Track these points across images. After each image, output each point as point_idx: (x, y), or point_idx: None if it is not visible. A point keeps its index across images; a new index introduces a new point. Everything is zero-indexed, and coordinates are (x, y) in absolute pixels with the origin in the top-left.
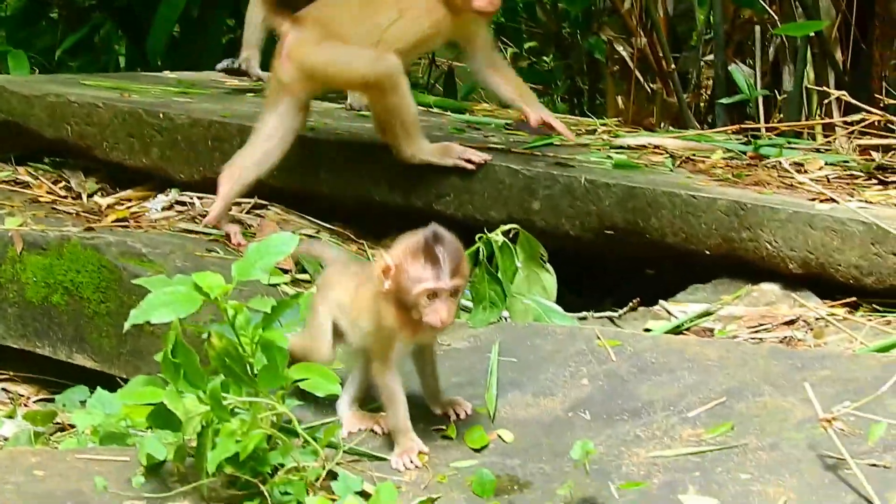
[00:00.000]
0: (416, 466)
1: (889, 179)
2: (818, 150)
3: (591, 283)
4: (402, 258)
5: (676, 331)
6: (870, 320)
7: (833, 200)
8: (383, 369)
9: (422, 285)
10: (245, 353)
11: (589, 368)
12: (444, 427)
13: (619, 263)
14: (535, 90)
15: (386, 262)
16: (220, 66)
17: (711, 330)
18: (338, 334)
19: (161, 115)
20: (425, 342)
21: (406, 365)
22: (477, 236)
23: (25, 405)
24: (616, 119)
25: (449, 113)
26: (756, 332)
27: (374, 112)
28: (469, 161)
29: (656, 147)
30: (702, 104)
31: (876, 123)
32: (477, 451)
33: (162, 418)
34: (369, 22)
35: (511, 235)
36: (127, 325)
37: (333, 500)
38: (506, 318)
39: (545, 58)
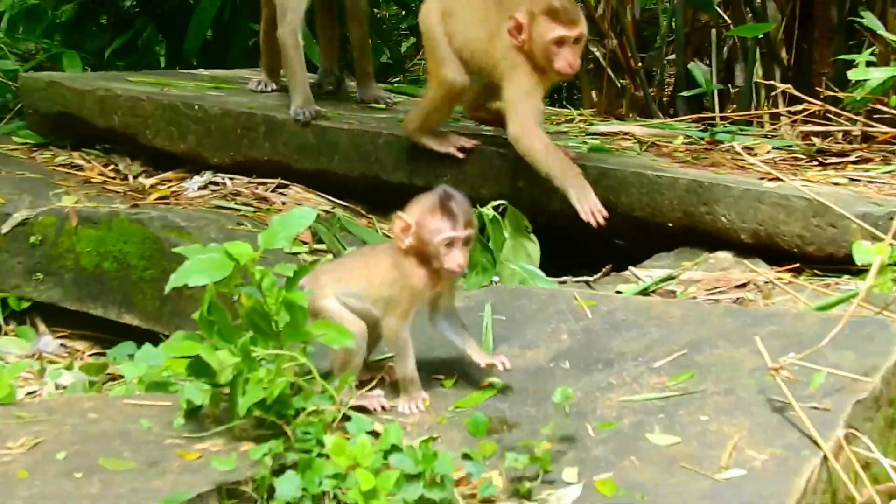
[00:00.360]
0: (420, 411)
1: (828, 161)
2: (766, 137)
3: (569, 251)
4: (420, 214)
5: (644, 292)
6: (811, 283)
7: (779, 179)
8: (398, 324)
9: (442, 235)
10: (270, 311)
11: (568, 325)
12: (442, 377)
13: (593, 235)
14: None
15: (405, 221)
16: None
17: (674, 292)
18: None
19: (196, 107)
20: (442, 294)
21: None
22: None
23: (81, 358)
24: (591, 110)
25: None
26: (712, 293)
27: None
28: (462, 149)
29: (626, 134)
30: (665, 97)
31: (816, 113)
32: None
33: (199, 369)
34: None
35: (500, 210)
36: (168, 288)
37: (347, 438)
38: (496, 282)
39: None
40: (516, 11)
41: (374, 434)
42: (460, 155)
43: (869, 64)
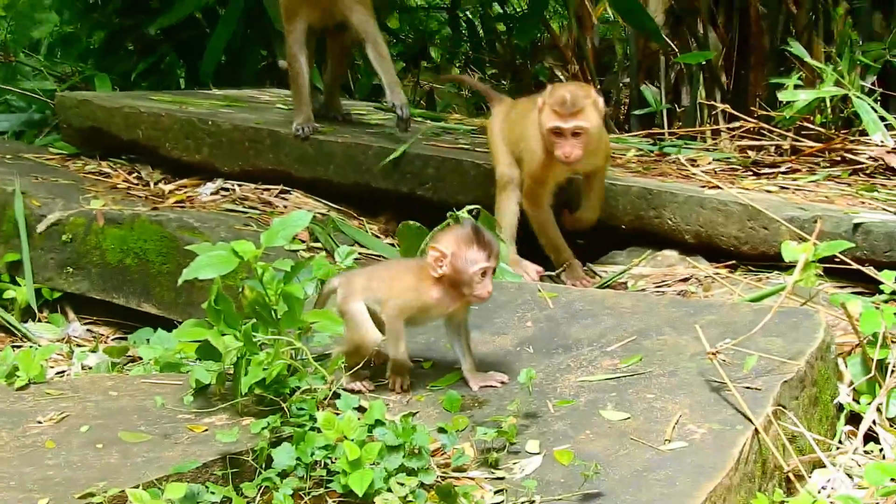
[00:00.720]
0: (404, 390)
1: (761, 172)
2: (707, 150)
3: (536, 250)
4: (456, 246)
5: (599, 286)
6: (746, 278)
7: (718, 187)
8: (396, 315)
9: (478, 265)
10: (270, 301)
11: (532, 314)
12: (421, 359)
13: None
14: None
15: (440, 251)
16: None
17: (626, 284)
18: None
19: (210, 122)
20: (457, 312)
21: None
22: (448, 213)
23: (105, 342)
24: None
25: (428, 122)
26: (659, 286)
27: None
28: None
29: None
30: (621, 115)
31: (752, 129)
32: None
33: (207, 352)
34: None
35: (474, 214)
36: (180, 280)
37: (337, 413)
38: None
39: (503, 81)
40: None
41: (361, 410)
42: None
43: (797, 87)
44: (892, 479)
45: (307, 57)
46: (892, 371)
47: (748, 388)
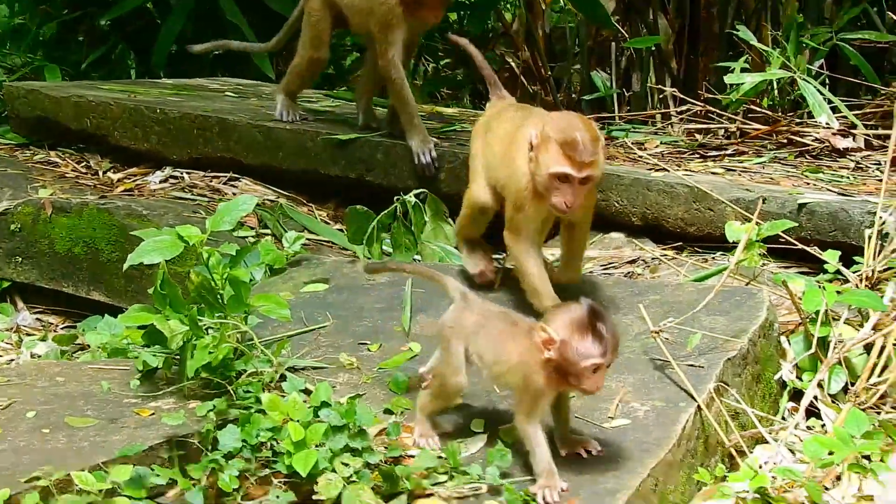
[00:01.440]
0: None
1: (708, 154)
2: (655, 133)
3: (484, 233)
4: (568, 333)
5: None
6: (691, 259)
7: (665, 170)
8: (527, 422)
9: (590, 361)
10: (216, 286)
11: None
12: (368, 342)
13: (504, 219)
14: (448, 94)
15: (550, 336)
16: None
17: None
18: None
19: (158, 111)
20: (563, 398)
21: None
22: (395, 198)
23: (54, 331)
24: None
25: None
26: (606, 268)
27: None
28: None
29: None
30: (572, 101)
31: (699, 113)
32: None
33: (153, 336)
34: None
35: (422, 197)
36: (126, 265)
37: (283, 395)
38: (417, 260)
39: (457, 70)
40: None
41: (307, 392)
42: (477, 280)
43: (744, 70)
44: (831, 452)
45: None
46: (834, 348)
47: (691, 365)
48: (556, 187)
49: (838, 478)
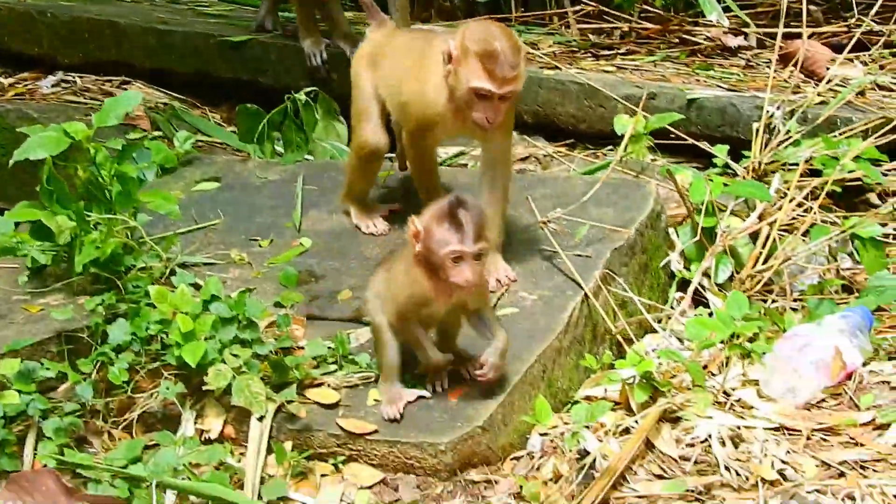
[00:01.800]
0: (444, 388)
1: (600, 54)
2: (550, 34)
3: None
4: (429, 223)
5: (441, 165)
6: (583, 154)
7: (557, 68)
8: (402, 326)
9: (448, 247)
10: (104, 181)
11: (371, 192)
12: (259, 238)
13: None
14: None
15: (416, 227)
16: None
17: (465, 164)
18: None
19: (49, 14)
20: (464, 304)
21: None
22: (286, 96)
23: None
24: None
25: None
26: None
27: None
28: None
29: None
30: (468, 3)
31: (593, 13)
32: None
33: (41, 233)
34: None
35: (312, 96)
36: (11, 161)
37: (172, 289)
38: (308, 158)
39: None
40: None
41: (198, 287)
42: (376, 233)
43: None
44: (712, 333)
45: None
46: (720, 237)
47: (579, 255)
48: (475, 103)
49: (725, 363)
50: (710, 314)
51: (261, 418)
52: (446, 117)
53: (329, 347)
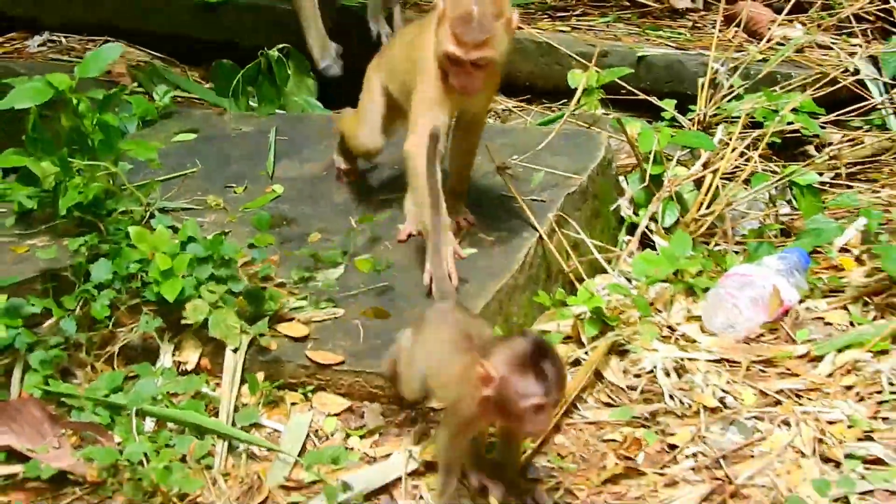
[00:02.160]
0: None
1: (556, 15)
2: None
3: (344, 87)
4: (508, 369)
5: None
6: (539, 108)
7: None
8: (446, 442)
9: (531, 401)
10: (86, 130)
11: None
12: (234, 185)
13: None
14: None
15: (488, 373)
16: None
17: None
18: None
19: None
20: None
21: None
22: (259, 52)
23: None
24: None
25: None
26: None
27: None
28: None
29: None
30: None
31: None
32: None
33: (27, 179)
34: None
35: (285, 52)
36: None
37: (152, 231)
38: (281, 112)
39: None
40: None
41: (176, 230)
42: (343, 178)
43: None
44: (656, 269)
45: None
46: (667, 184)
47: (535, 200)
48: (450, 68)
49: (671, 301)
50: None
51: (235, 350)
52: (439, 82)
53: (303, 279)
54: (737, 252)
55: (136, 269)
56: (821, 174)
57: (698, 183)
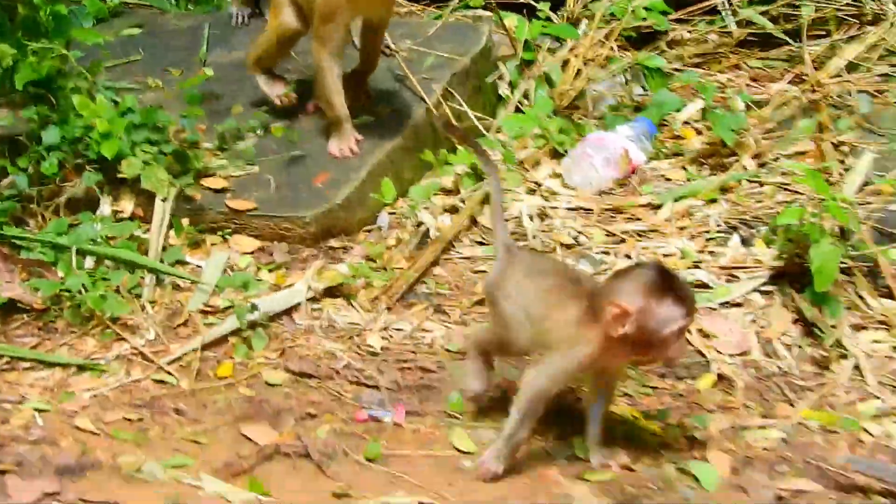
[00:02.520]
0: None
1: None
2: None
3: None
4: (645, 300)
5: None
6: (426, 9)
7: None
8: (543, 387)
9: (677, 324)
10: (40, 20)
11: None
12: (171, 69)
13: None
14: None
15: (623, 308)
16: None
17: None
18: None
19: None
20: (611, 373)
21: None
22: None
23: None
24: None
25: None
26: None
27: None
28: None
29: None
30: None
31: None
32: None
33: None
34: None
35: None
36: None
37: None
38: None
39: None
40: None
41: (118, 104)
42: (278, 103)
43: None
44: (522, 126)
45: None
46: (538, 64)
47: (425, 78)
48: None
49: (537, 163)
50: None
51: (164, 200)
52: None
53: (225, 142)
54: (596, 125)
55: (81, 133)
56: (670, 63)
57: (564, 64)
